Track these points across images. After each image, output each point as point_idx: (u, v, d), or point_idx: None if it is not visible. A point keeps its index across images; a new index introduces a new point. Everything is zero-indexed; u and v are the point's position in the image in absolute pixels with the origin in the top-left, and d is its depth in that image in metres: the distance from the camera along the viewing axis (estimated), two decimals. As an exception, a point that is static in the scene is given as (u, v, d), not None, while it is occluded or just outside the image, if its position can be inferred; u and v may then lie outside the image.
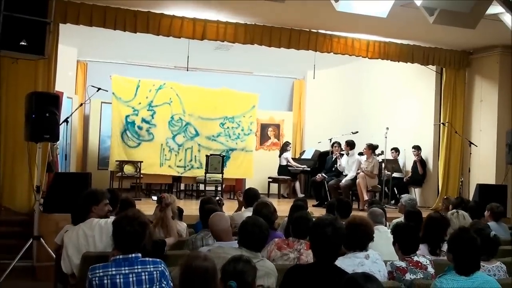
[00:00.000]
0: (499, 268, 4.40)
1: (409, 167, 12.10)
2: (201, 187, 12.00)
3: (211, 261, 3.05)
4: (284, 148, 13.64)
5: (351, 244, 4.02)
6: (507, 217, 9.38)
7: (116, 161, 11.32)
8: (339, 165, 11.60)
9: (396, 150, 11.92)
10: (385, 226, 5.72)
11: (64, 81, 11.26)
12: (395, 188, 11.78)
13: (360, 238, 4.09)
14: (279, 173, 13.42)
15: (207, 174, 11.56)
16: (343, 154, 11.64)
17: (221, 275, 3.06)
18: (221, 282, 3.04)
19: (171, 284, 3.52)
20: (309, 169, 13.35)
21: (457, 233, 3.86)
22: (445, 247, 4.41)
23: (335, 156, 11.85)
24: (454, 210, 6.44)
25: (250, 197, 6.37)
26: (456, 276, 3.60)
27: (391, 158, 11.79)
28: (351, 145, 11.39)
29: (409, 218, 5.98)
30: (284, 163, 13.42)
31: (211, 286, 2.97)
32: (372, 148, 11.12)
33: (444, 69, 11.46)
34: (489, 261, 4.40)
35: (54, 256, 5.51)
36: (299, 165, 13.46)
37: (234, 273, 3.04)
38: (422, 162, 11.69)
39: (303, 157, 14.17)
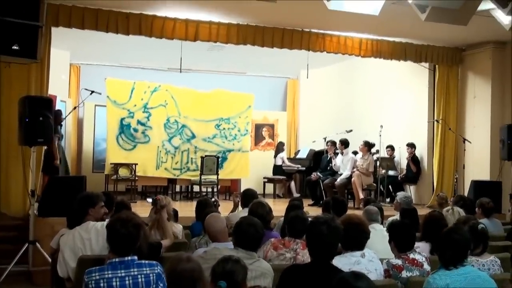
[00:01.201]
0: (493, 263, 4.40)
1: (404, 164, 12.11)
2: (196, 188, 11.99)
3: (196, 262, 3.06)
4: (279, 148, 13.64)
5: (348, 244, 4.00)
6: (502, 213, 9.42)
7: (111, 164, 11.30)
8: (334, 164, 11.59)
9: (391, 148, 11.94)
10: (381, 224, 5.73)
11: (57, 84, 11.22)
12: (390, 186, 11.79)
13: (358, 238, 4.07)
14: (274, 173, 13.42)
15: (202, 176, 11.55)
16: (337, 153, 11.63)
17: (211, 276, 3.05)
18: (212, 283, 3.03)
19: (167, 286, 3.52)
20: (304, 168, 13.36)
21: (450, 227, 3.89)
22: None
23: (329, 155, 11.85)
24: (449, 207, 6.47)
25: (247, 197, 6.36)
26: (447, 272, 3.61)
27: (386, 156, 11.80)
28: (345, 143, 11.39)
29: (405, 216, 6.00)
30: (279, 163, 13.42)
31: (199, 286, 2.97)
32: (368, 145, 11.12)
33: (437, 66, 11.49)
34: (482, 256, 4.40)
35: (50, 260, 5.49)
36: (293, 165, 13.47)
37: (223, 273, 3.03)
38: (415, 160, 11.70)
39: (298, 156, 14.18)
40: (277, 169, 13.41)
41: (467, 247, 3.76)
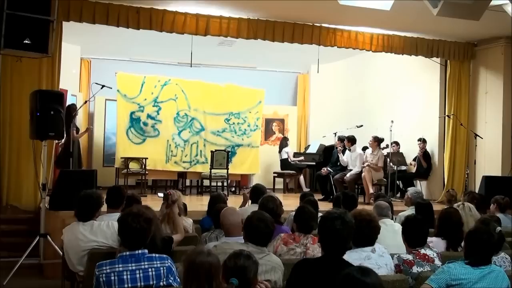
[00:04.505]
0: (504, 259, 4.43)
1: (410, 159, 12.06)
2: (206, 182, 12.00)
3: (215, 257, 3.05)
4: (283, 143, 13.59)
5: (359, 239, 3.96)
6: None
7: (121, 158, 11.35)
8: (341, 159, 11.58)
9: (396, 143, 11.87)
10: (391, 219, 5.71)
11: (68, 78, 11.29)
12: (400, 181, 11.75)
13: (369, 234, 4.05)
14: (283, 167, 13.38)
15: (212, 170, 11.57)
16: (345, 149, 11.59)
17: (223, 271, 3.05)
18: (223, 277, 3.03)
19: (178, 279, 3.52)
20: (314, 163, 13.35)
21: (477, 225, 3.89)
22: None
23: (337, 152, 11.79)
24: (460, 203, 6.43)
25: (256, 192, 6.36)
26: (466, 265, 3.64)
27: (392, 151, 11.75)
28: (352, 140, 11.33)
29: (419, 210, 5.98)
30: (285, 156, 13.40)
31: (215, 281, 2.96)
32: (378, 140, 11.07)
33: (448, 61, 11.41)
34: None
35: (61, 253, 5.52)
36: (298, 160, 13.46)
37: (235, 269, 3.03)
38: (425, 155, 11.64)
39: (308, 151, 14.16)
40: (285, 163, 13.38)
41: (494, 250, 3.82)
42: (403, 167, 11.89)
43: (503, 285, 3.67)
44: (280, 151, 13.55)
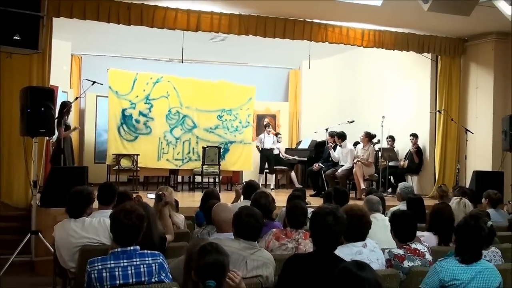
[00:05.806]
0: (494, 253, 4.44)
1: (403, 155, 12.10)
2: (198, 179, 11.99)
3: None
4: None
5: (350, 235, 3.97)
6: (503, 203, 9.42)
7: (113, 154, 11.31)
8: (332, 155, 11.60)
9: (392, 138, 11.92)
10: (382, 214, 5.73)
11: (59, 75, 11.24)
12: (392, 177, 11.78)
13: (360, 229, 4.06)
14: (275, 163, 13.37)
15: (204, 166, 11.55)
16: (336, 146, 11.61)
17: (196, 269, 2.95)
18: (195, 275, 2.95)
19: (170, 276, 3.52)
20: (306, 159, 13.35)
21: (466, 220, 3.88)
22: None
23: (329, 148, 11.81)
24: (458, 197, 6.44)
25: (249, 189, 6.37)
26: (457, 262, 3.64)
27: (387, 146, 11.78)
28: (342, 136, 11.37)
29: (411, 205, 6.01)
30: (276, 152, 13.39)
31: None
32: (369, 136, 11.11)
33: (439, 56, 11.44)
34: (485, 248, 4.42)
35: (53, 250, 5.51)
36: (289, 156, 13.46)
37: (210, 266, 2.92)
38: (418, 151, 11.68)
39: (299, 147, 14.17)
40: (276, 159, 13.37)
41: (484, 243, 3.83)
42: (395, 163, 11.91)
43: (496, 282, 3.67)
44: (271, 147, 13.55)
